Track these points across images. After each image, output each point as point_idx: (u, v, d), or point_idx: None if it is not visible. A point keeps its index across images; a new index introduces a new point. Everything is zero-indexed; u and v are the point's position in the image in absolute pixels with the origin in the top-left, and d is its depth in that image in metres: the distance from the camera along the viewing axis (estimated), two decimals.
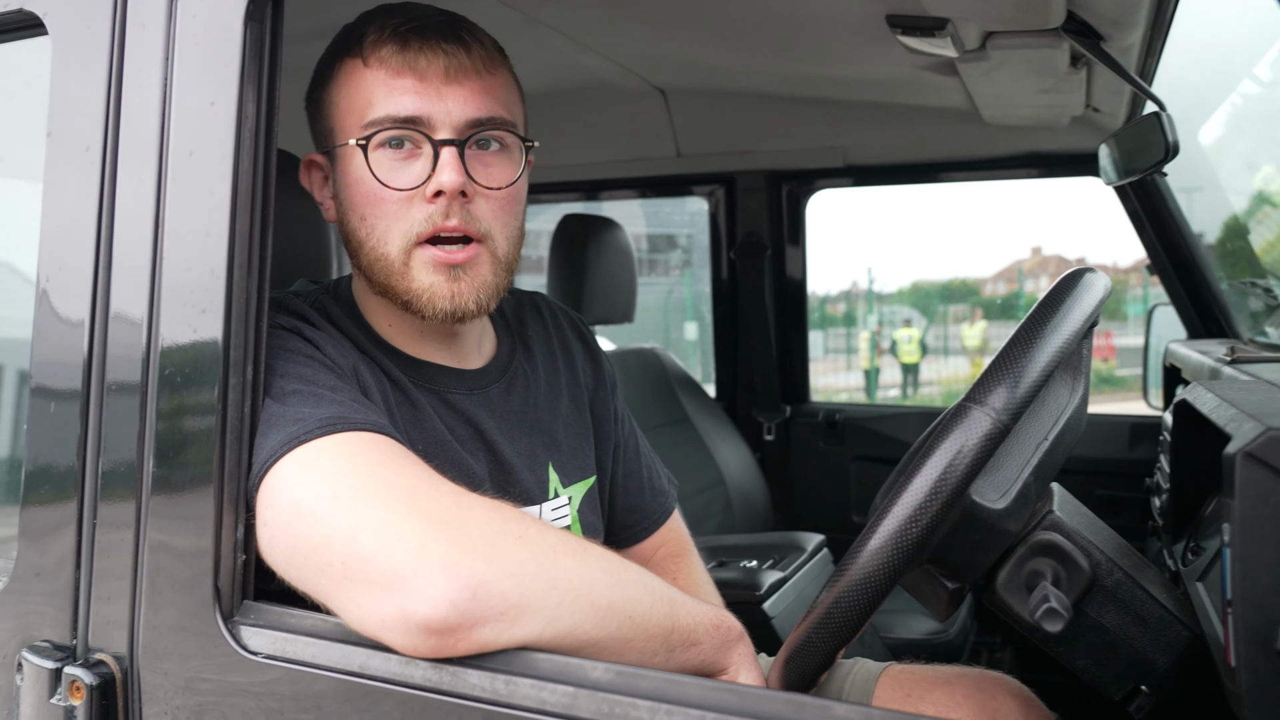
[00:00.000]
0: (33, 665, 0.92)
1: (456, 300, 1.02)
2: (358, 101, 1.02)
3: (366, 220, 1.03)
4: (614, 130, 2.69)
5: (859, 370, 18.32)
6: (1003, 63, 1.67)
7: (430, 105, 1.00)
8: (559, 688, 0.74)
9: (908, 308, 21.21)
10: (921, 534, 0.79)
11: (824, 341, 19.59)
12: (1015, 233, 43.61)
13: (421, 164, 1.01)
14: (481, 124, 1.02)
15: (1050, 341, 0.83)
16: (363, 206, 1.03)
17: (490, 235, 1.04)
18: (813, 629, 0.84)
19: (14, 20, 1.02)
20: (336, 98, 1.05)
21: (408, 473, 0.85)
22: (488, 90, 1.03)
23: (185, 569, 0.88)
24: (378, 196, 1.01)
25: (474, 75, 1.02)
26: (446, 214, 1.00)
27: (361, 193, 1.03)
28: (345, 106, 1.04)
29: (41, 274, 0.98)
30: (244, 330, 0.89)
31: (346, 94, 1.04)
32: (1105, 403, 14.20)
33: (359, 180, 1.02)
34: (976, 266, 40.14)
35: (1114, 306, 19.53)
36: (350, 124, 1.03)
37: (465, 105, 1.01)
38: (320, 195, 1.12)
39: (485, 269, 1.04)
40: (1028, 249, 34.97)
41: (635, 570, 0.90)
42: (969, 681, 1.07)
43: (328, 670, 0.82)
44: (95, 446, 0.94)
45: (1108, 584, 0.89)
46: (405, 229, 1.01)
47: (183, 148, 0.91)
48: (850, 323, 20.20)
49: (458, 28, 1.04)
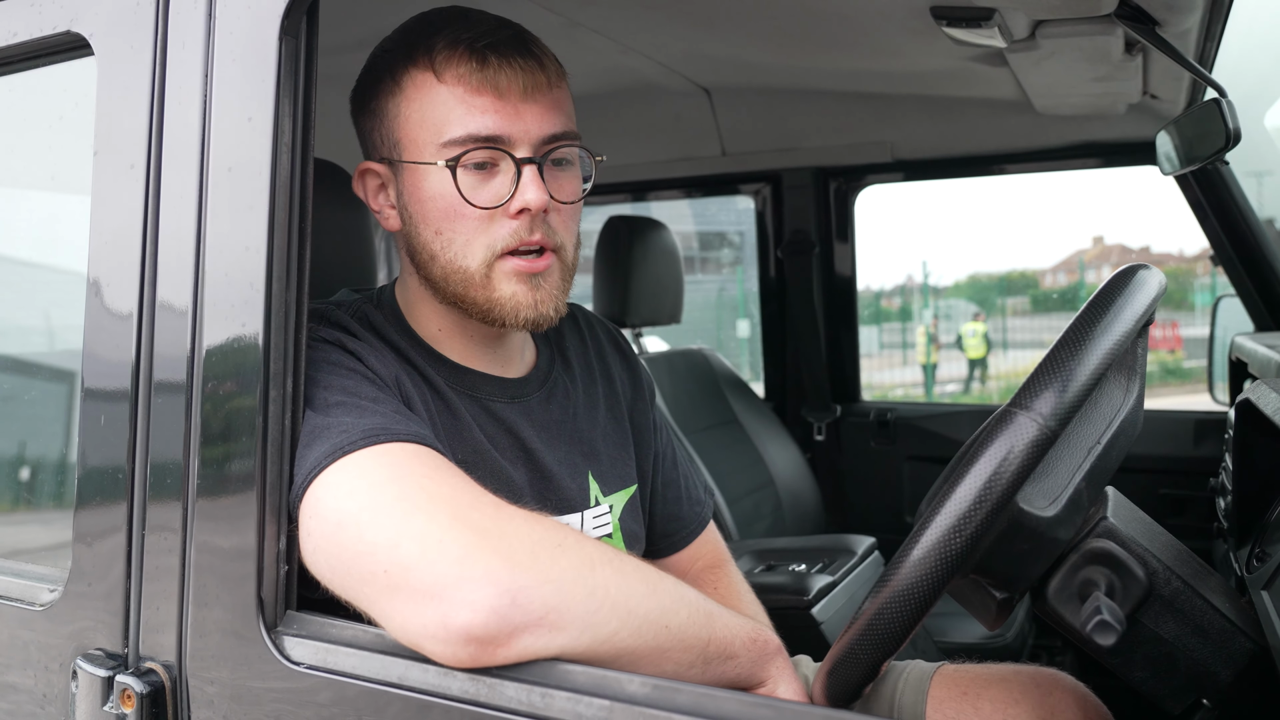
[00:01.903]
0: (86, 673, 0.94)
1: (539, 308, 1.04)
2: (433, 117, 1.02)
3: (443, 234, 1.04)
4: (659, 130, 2.68)
5: (915, 366, 18.04)
6: (1054, 51, 1.62)
7: (510, 124, 1.01)
8: (595, 701, 0.73)
9: (964, 301, 20.84)
10: (966, 544, 0.77)
11: (879, 337, 19.35)
12: (1076, 222, 42.59)
13: (501, 181, 1.02)
14: (556, 139, 1.04)
15: (1100, 343, 0.80)
16: (439, 221, 1.04)
17: (563, 246, 1.07)
18: (855, 640, 0.82)
19: (62, 42, 1.04)
20: (405, 110, 1.04)
21: (449, 483, 0.86)
22: (558, 105, 1.05)
23: (230, 580, 0.89)
24: (458, 213, 1.02)
25: (546, 91, 1.03)
26: (531, 229, 1.02)
27: (439, 208, 1.03)
28: (418, 121, 1.03)
29: (90, 287, 1.00)
30: (283, 342, 0.90)
31: (419, 108, 1.03)
32: (1173, 396, 13.80)
33: (437, 196, 1.03)
34: (1036, 258, 39.30)
35: (1181, 296, 18.98)
36: (424, 139, 1.03)
37: (541, 122, 1.02)
38: (378, 204, 1.12)
39: (558, 277, 1.07)
40: (1089, 238, 34.14)
41: (671, 581, 0.89)
42: (1025, 678, 1.05)
43: (368, 681, 0.82)
44: (143, 459, 0.95)
45: (1165, 593, 0.86)
46: (488, 243, 1.03)
47: (222, 163, 0.92)
48: (906, 318, 19.91)
49: (527, 42, 1.05)
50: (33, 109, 1.23)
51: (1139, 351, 0.99)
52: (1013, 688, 1.05)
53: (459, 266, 1.03)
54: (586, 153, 1.08)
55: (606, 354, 1.30)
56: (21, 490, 1.67)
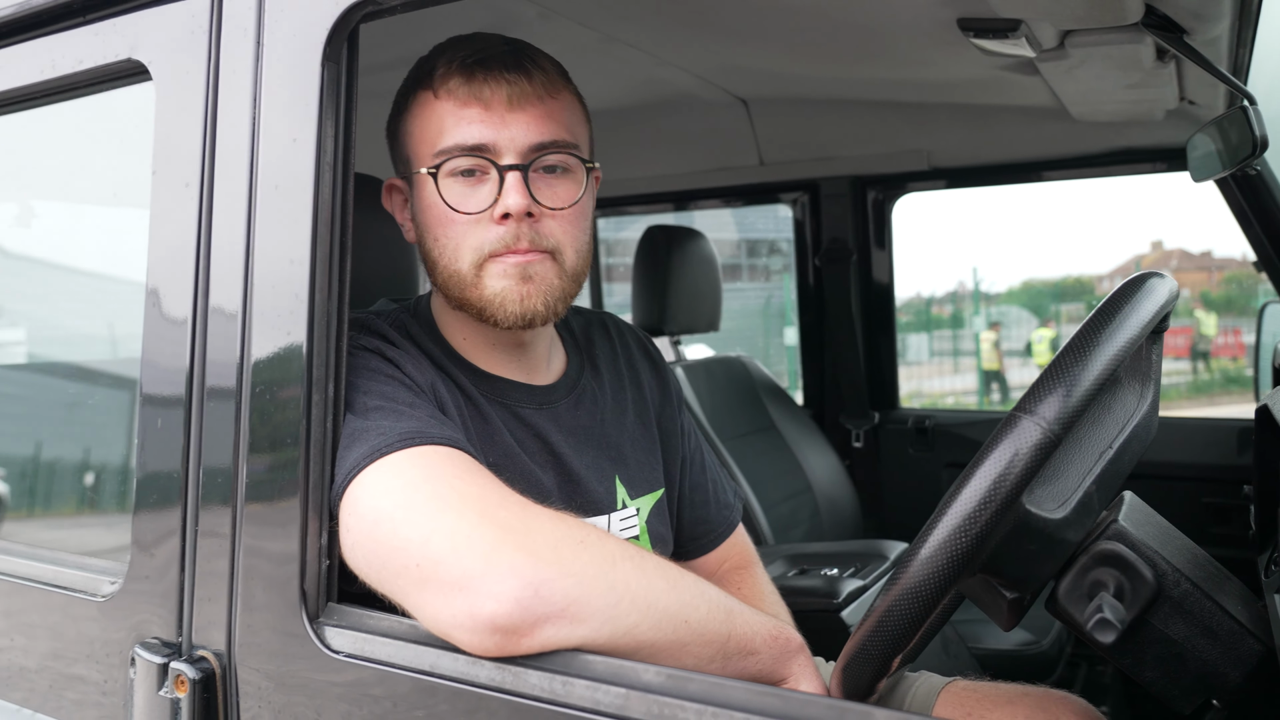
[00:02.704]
0: (144, 660, 1.01)
1: (525, 303, 1.07)
2: (429, 132, 1.09)
3: (439, 240, 1.10)
4: (697, 141, 2.71)
5: (967, 373, 17.78)
6: (1084, 60, 1.63)
7: (495, 132, 1.06)
8: (612, 689, 0.77)
9: (1018, 307, 20.50)
10: (971, 544, 0.79)
11: (929, 344, 19.12)
12: (1134, 226, 41.64)
13: (488, 188, 1.07)
14: (544, 148, 1.07)
15: (1105, 350, 0.82)
16: (435, 228, 1.10)
17: (559, 249, 1.09)
18: (866, 637, 0.85)
19: (123, 69, 1.11)
20: (411, 128, 1.12)
21: (478, 484, 0.91)
22: (550, 115, 1.08)
23: (275, 573, 0.94)
24: (449, 219, 1.08)
25: (536, 101, 1.07)
26: (516, 236, 1.06)
27: (434, 216, 1.09)
28: (419, 136, 1.11)
29: (148, 298, 1.07)
30: (325, 349, 0.95)
31: (419, 125, 1.11)
32: (1235, 404, 13.42)
33: (432, 205, 1.09)
34: (1092, 263, 38.46)
35: (1245, 302, 18.45)
36: (423, 153, 1.10)
37: (528, 131, 1.06)
38: (401, 217, 1.20)
39: (552, 276, 1.09)
40: (1147, 243, 33.34)
41: (692, 578, 0.93)
42: (1032, 701, 1.05)
43: (402, 669, 0.87)
44: (196, 460, 1.01)
45: (1174, 595, 0.87)
46: (476, 246, 1.07)
47: (269, 181, 0.98)
48: (957, 325, 19.65)
49: (520, 56, 1.09)
50: (97, 131, 1.31)
51: (1154, 358, 1.00)
52: (1018, 711, 1.05)
53: (453, 270, 1.09)
54: (579, 161, 1.11)
55: (636, 361, 1.34)
56: (87, 491, 1.76)
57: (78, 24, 1.15)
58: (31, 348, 2.19)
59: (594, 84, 1.19)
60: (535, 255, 1.07)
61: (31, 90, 1.20)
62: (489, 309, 1.08)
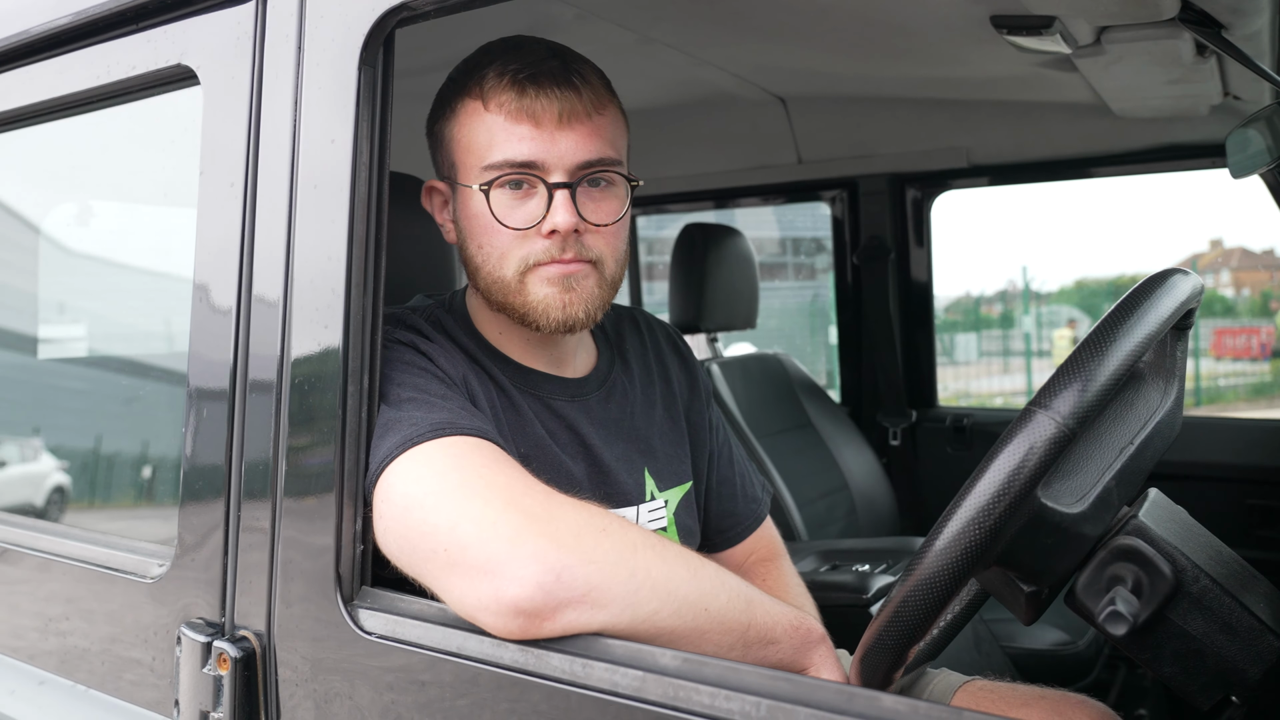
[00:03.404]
0: (189, 639, 1.05)
1: (568, 310, 1.11)
2: (478, 143, 1.11)
3: (484, 248, 1.12)
4: (736, 139, 2.73)
5: (1017, 374, 17.49)
6: (1121, 56, 1.62)
7: (545, 150, 1.08)
8: (630, 671, 0.79)
9: (1069, 307, 20.13)
10: (985, 537, 0.80)
11: (978, 344, 18.85)
12: (1191, 223, 40.55)
13: (536, 204, 1.09)
14: (591, 165, 1.10)
15: (1122, 345, 0.82)
16: (480, 236, 1.12)
17: (601, 260, 1.13)
18: (883, 627, 0.87)
19: (174, 74, 1.16)
20: (458, 135, 1.14)
21: (505, 473, 0.94)
22: (597, 131, 1.11)
23: (312, 557, 0.98)
24: (495, 230, 1.10)
25: (585, 118, 1.10)
26: (563, 248, 1.09)
27: (480, 225, 1.12)
28: (466, 145, 1.12)
29: (196, 295, 1.12)
30: (361, 342, 0.99)
31: (467, 133, 1.12)
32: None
33: (478, 215, 1.12)
34: (1147, 261, 37.57)
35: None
36: (470, 163, 1.12)
37: (577, 148, 1.09)
38: (440, 218, 1.22)
39: (593, 285, 1.13)
40: (1206, 241, 32.47)
41: (713, 567, 0.95)
42: (1048, 705, 1.05)
43: (431, 650, 0.90)
44: (239, 449, 1.06)
45: (1193, 591, 0.87)
46: (522, 257, 1.10)
47: (309, 181, 1.02)
48: (1007, 324, 19.33)
49: (568, 70, 1.11)
50: (148, 134, 1.37)
51: (1178, 355, 1.00)
52: (1033, 714, 1.05)
53: (497, 277, 1.12)
54: (624, 178, 1.14)
55: (665, 356, 1.36)
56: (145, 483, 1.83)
57: (131, 32, 1.20)
58: (91, 343, 2.28)
59: (632, 84, 1.21)
60: (579, 266, 1.10)
61: (87, 95, 1.26)
62: (531, 315, 1.11)
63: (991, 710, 1.09)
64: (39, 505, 4.92)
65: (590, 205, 1.11)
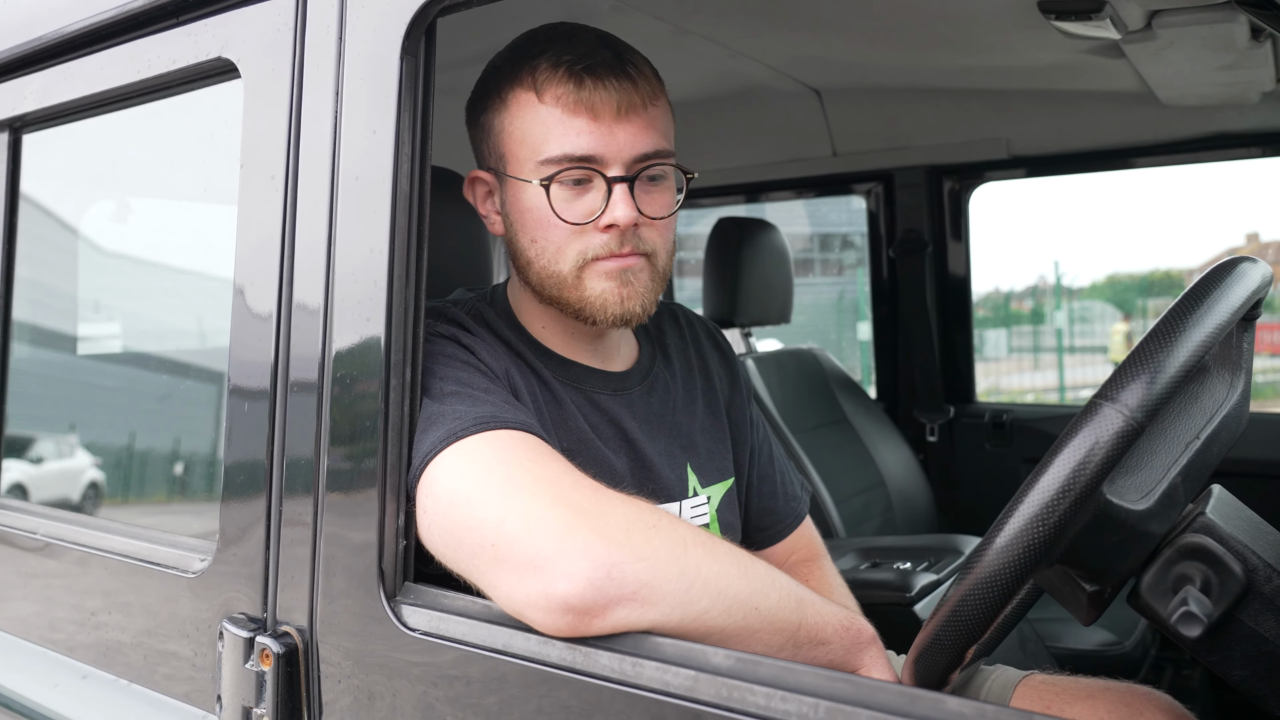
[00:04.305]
0: (231, 634, 1.05)
1: (625, 304, 1.10)
2: (533, 135, 1.09)
3: (538, 242, 1.11)
4: (770, 132, 2.70)
5: (1048, 370, 17.27)
6: (1172, 41, 1.58)
7: (604, 144, 1.07)
8: (682, 671, 0.78)
9: (1102, 302, 19.86)
10: (1049, 534, 0.78)
11: (1008, 340, 18.65)
12: (1227, 217, 39.81)
13: (593, 197, 1.08)
14: (648, 158, 1.09)
15: (1191, 336, 0.79)
16: (534, 230, 1.11)
17: (655, 253, 1.12)
18: (940, 627, 0.84)
19: (214, 67, 1.16)
20: (509, 126, 1.11)
21: (552, 467, 0.92)
22: (652, 123, 1.10)
23: (354, 552, 0.97)
24: (552, 224, 1.09)
25: (641, 110, 1.08)
26: (620, 243, 1.08)
27: (535, 219, 1.10)
28: (519, 137, 1.10)
29: (236, 289, 1.11)
30: (403, 336, 0.98)
31: (520, 125, 1.10)
32: None
33: (533, 209, 1.10)
34: (1182, 256, 36.85)
35: None
36: (524, 155, 1.10)
37: (634, 141, 1.07)
38: (485, 209, 1.19)
39: (647, 278, 1.12)
40: (1242, 235, 31.86)
41: (763, 566, 0.93)
42: (1114, 696, 1.02)
43: (475, 647, 0.89)
44: (280, 443, 1.05)
45: (1265, 591, 0.84)
46: (580, 251, 1.09)
47: (350, 172, 1.01)
48: (1038, 320, 19.10)
49: (624, 62, 1.09)
50: (189, 128, 1.37)
51: (1244, 346, 0.97)
52: (1099, 706, 1.02)
53: (552, 271, 1.10)
54: (679, 169, 1.13)
55: (705, 351, 1.34)
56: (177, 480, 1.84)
57: (171, 25, 1.20)
58: (127, 341, 2.30)
59: (667, 76, 1.19)
60: (635, 259, 1.10)
61: (128, 90, 1.26)
62: (588, 309, 1.10)
63: (1055, 705, 1.06)
64: (75, 500, 4.99)
65: (646, 199, 1.09)
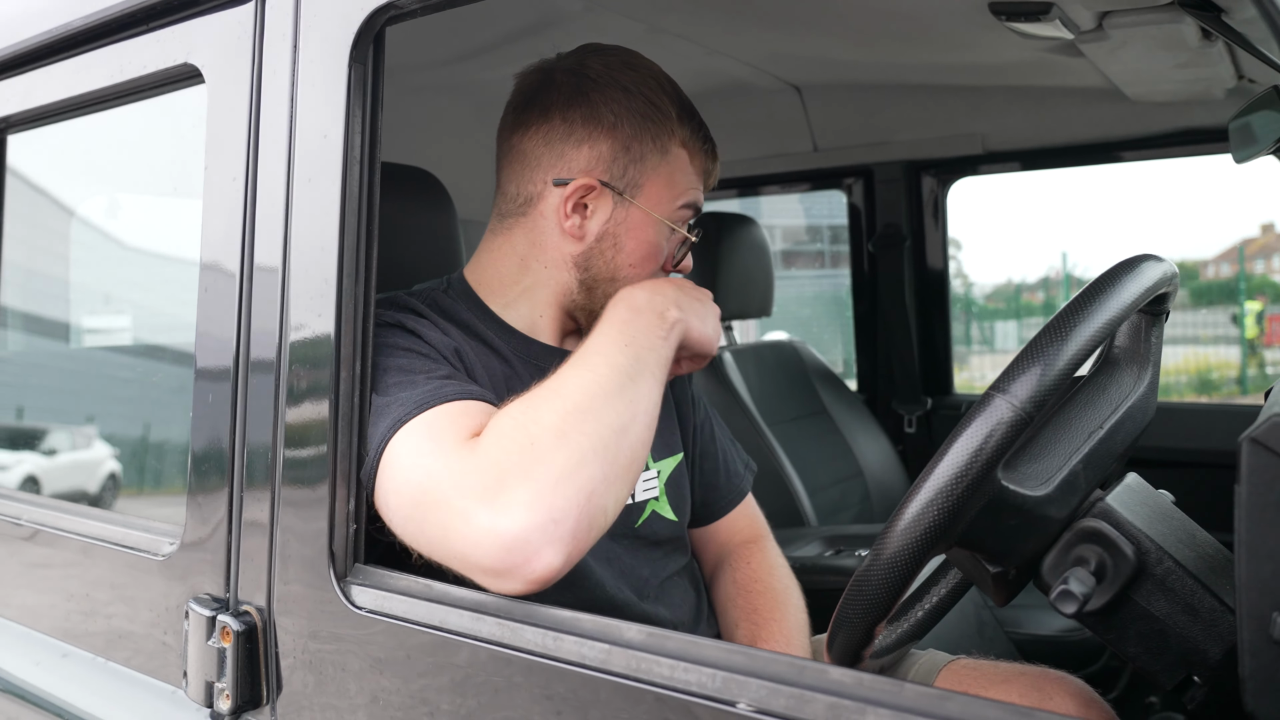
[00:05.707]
0: (196, 613, 1.11)
1: None
2: (679, 183, 1.23)
3: (636, 268, 1.23)
4: (752, 128, 2.74)
5: None
6: (1125, 41, 1.61)
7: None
8: (597, 644, 0.83)
9: None
10: (945, 518, 0.82)
11: (1018, 332, 18.60)
12: (1241, 208, 39.47)
13: (672, 243, 1.25)
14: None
15: (1082, 331, 0.84)
16: (637, 255, 1.22)
17: None
18: (845, 604, 0.89)
19: (181, 73, 1.21)
20: (661, 169, 1.22)
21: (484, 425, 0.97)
22: None
23: (308, 535, 1.03)
24: (654, 259, 1.23)
25: None
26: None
27: (646, 251, 1.23)
28: (664, 181, 1.22)
29: (202, 284, 1.16)
30: (353, 330, 1.03)
31: (668, 169, 1.22)
32: None
33: (650, 241, 1.22)
34: (1195, 247, 36.55)
35: None
36: (665, 196, 1.22)
37: None
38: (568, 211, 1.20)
39: None
40: (1256, 226, 31.58)
41: (588, 378, 0.99)
42: (1028, 680, 1.08)
43: (416, 624, 0.94)
44: (242, 432, 1.11)
45: (1157, 572, 0.88)
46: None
47: (304, 175, 1.06)
48: (1050, 311, 19.02)
49: None
50: (158, 130, 1.42)
51: (1153, 341, 1.01)
52: (1011, 690, 1.08)
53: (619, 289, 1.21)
54: None
55: None
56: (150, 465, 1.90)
57: (142, 32, 1.25)
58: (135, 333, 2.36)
59: None
60: None
61: (102, 94, 1.31)
62: None
63: (971, 687, 1.11)
64: (94, 492, 5.06)
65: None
